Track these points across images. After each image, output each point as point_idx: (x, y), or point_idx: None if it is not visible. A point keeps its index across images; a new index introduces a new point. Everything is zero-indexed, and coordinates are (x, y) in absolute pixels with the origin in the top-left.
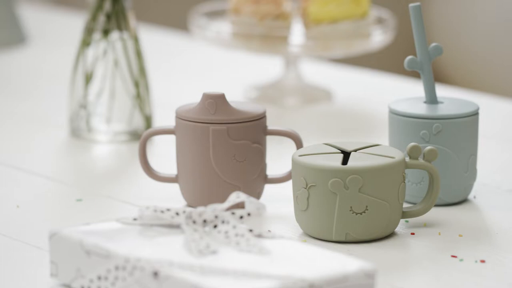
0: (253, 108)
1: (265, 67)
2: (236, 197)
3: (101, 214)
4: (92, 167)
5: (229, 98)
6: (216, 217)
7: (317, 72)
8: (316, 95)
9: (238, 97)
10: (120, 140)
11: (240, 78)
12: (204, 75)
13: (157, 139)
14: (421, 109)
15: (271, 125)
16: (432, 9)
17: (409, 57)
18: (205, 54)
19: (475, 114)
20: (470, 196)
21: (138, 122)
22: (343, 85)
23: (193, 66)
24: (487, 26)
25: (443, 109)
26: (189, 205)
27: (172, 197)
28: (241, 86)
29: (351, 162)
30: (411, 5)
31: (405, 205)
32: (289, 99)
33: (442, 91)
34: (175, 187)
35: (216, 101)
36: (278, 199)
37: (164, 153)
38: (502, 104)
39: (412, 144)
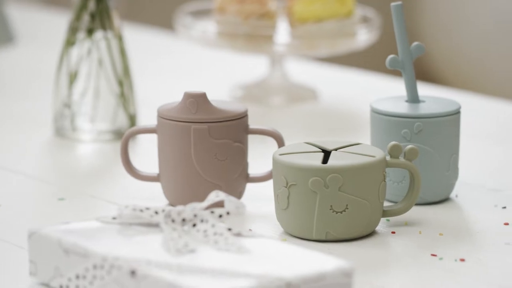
0: (235, 107)
1: (250, 66)
2: (215, 196)
3: (83, 213)
4: (76, 166)
5: (214, 97)
6: (195, 216)
7: (302, 71)
8: (302, 94)
9: (224, 96)
10: (104, 139)
11: (226, 77)
12: (189, 74)
13: (142, 138)
14: (403, 108)
15: (254, 124)
16: (424, 9)
17: (391, 56)
18: (190, 53)
19: (457, 113)
20: (452, 195)
21: (122, 121)
22: (329, 84)
23: (178, 65)
24: (478, 26)
25: (424, 108)
26: (171, 204)
27: (154, 196)
28: (227, 85)
29: (331, 161)
30: (392, 4)
31: (386, 204)
32: (274, 98)
33: (424, 90)
34: (158, 186)
35: (197, 100)
36: (260, 198)
37: (148, 152)
38: (487, 103)
39: (393, 143)
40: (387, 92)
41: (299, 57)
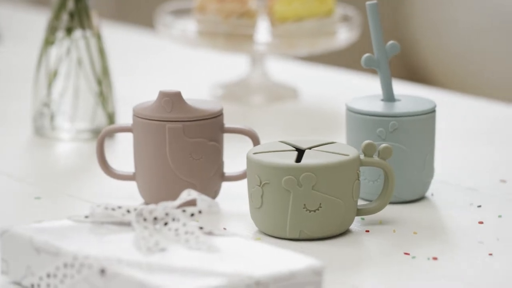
0: (210, 106)
1: (231, 65)
2: (187, 194)
3: (59, 212)
4: (54, 165)
5: (194, 96)
6: (166, 214)
7: (283, 70)
8: (282, 93)
9: (204, 95)
10: (83, 138)
11: (206, 76)
12: (170, 73)
13: (121, 137)
14: (378, 107)
15: (232, 123)
16: (413, 7)
17: (366, 55)
18: (171, 52)
19: (432, 111)
20: (428, 194)
21: (101, 120)
22: (309, 83)
23: (159, 64)
24: (468, 25)
25: (399, 107)
26: (146, 203)
27: (131, 195)
28: (207, 84)
29: (305, 160)
30: (368, 3)
31: (361, 202)
32: (254, 97)
33: (401, 88)
34: (135, 185)
35: (172, 99)
36: (235, 196)
37: (127, 151)
38: (464, 101)
39: (367, 141)
40: (367, 90)
41: (279, 56)
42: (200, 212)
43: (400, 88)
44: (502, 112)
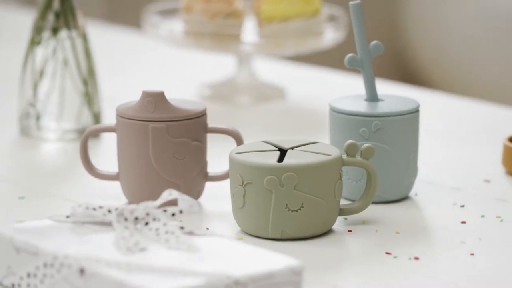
0: (193, 106)
1: (218, 65)
2: (168, 194)
3: (43, 212)
4: (39, 165)
5: (181, 96)
6: (147, 214)
7: (270, 70)
8: (269, 93)
9: (191, 95)
10: (69, 138)
11: (193, 77)
12: (157, 73)
13: (106, 137)
14: (361, 106)
15: (216, 123)
16: (409, 8)
17: (349, 55)
18: (158, 52)
19: (415, 111)
20: (412, 193)
21: (86, 120)
22: (297, 83)
23: (146, 64)
24: (463, 26)
25: (382, 107)
26: (130, 203)
27: (115, 195)
28: (194, 85)
29: (287, 160)
30: (351, 3)
31: (345, 202)
32: (242, 97)
33: (385, 87)
34: (119, 185)
35: (155, 99)
36: (219, 196)
37: (113, 150)
38: (449, 101)
39: (349, 141)
40: (354, 90)
41: (267, 56)
42: (181, 212)
43: (385, 87)
44: (488, 112)
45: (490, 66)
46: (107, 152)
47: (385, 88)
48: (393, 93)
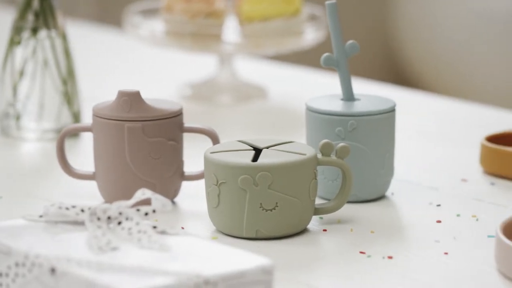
0: (169, 105)
1: (199, 65)
2: (141, 194)
3: (19, 212)
4: (19, 165)
5: (162, 96)
6: (120, 214)
7: (251, 70)
8: (250, 93)
9: (173, 95)
10: (48, 138)
11: (175, 76)
12: (138, 73)
13: (85, 136)
14: (337, 106)
15: (192, 122)
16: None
17: (325, 54)
18: (139, 52)
19: (391, 111)
20: (388, 193)
21: (66, 119)
22: (278, 83)
23: (127, 64)
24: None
25: (358, 106)
26: (106, 202)
27: (92, 194)
28: (176, 84)
29: (261, 159)
30: (327, 2)
31: (321, 201)
32: (223, 97)
33: (361, 88)
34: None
35: (131, 99)
36: (195, 196)
37: (91, 150)
38: (426, 100)
39: (324, 141)
40: (336, 90)
41: (247, 55)
42: (154, 211)
43: (362, 86)
44: (467, 112)
45: (483, 67)
46: (86, 152)
47: (362, 86)
48: (370, 93)
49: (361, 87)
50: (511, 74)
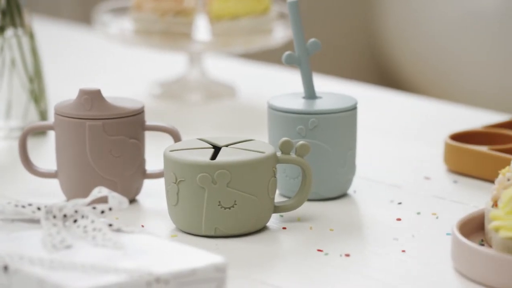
0: (131, 104)
1: (169, 64)
2: (98, 191)
3: None
4: None
5: (131, 95)
6: (76, 212)
7: (221, 68)
8: (220, 91)
9: (142, 94)
10: (15, 136)
11: (144, 75)
12: (107, 71)
13: (52, 135)
14: (298, 104)
15: (155, 120)
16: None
17: (287, 52)
18: (108, 51)
19: (353, 109)
20: (350, 191)
21: (33, 118)
22: (248, 81)
23: (96, 63)
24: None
25: (319, 104)
26: (68, 200)
27: (54, 192)
28: (145, 83)
29: (220, 157)
30: (288, 1)
31: (282, 199)
32: (192, 95)
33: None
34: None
35: (92, 97)
36: (156, 194)
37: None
38: (388, 97)
39: (284, 139)
40: None
41: (217, 54)
42: (110, 209)
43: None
44: (431, 110)
45: (469, 67)
46: (52, 150)
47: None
48: (331, 91)
49: (325, 84)
50: (497, 74)
